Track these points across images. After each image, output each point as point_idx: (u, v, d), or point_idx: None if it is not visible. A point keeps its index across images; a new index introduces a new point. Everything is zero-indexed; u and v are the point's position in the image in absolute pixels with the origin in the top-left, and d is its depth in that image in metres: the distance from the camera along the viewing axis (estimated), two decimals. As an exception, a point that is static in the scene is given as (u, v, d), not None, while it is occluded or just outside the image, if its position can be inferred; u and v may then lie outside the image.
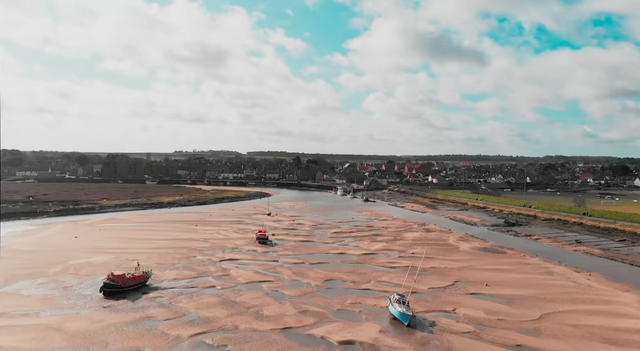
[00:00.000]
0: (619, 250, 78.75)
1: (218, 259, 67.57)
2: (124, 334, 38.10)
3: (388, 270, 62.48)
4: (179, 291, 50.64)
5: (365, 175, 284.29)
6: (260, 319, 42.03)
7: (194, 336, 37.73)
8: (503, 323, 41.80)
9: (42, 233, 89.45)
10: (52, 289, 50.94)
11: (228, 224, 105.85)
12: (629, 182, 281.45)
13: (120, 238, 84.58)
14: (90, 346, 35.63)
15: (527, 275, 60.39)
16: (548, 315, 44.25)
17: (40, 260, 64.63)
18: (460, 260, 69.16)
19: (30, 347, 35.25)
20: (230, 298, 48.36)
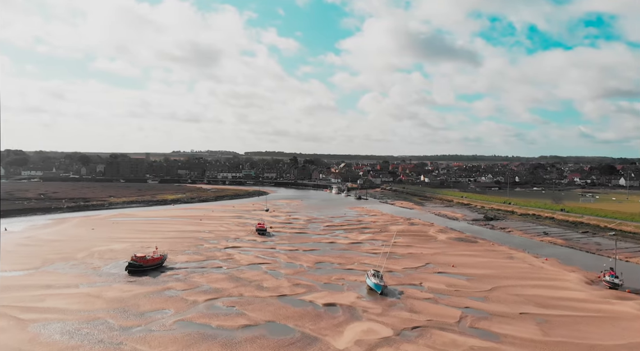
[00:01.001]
0: (580, 240, 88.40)
1: (222, 247, 76.85)
2: (151, 299, 47.32)
3: (371, 255, 71.79)
4: (191, 270, 59.90)
5: (360, 175, 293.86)
6: (260, 289, 51.33)
7: (207, 301, 46.96)
8: (458, 293, 51.24)
9: (61, 226, 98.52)
10: (83, 269, 60.07)
11: (229, 219, 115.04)
12: (614, 181, 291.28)
13: (132, 230, 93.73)
14: (126, 307, 44.83)
15: (490, 259, 69.91)
16: (498, 288, 53.68)
17: (67, 247, 73.73)
18: (435, 248, 78.65)
19: (78, 308, 44.42)
20: (235, 275, 57.66)
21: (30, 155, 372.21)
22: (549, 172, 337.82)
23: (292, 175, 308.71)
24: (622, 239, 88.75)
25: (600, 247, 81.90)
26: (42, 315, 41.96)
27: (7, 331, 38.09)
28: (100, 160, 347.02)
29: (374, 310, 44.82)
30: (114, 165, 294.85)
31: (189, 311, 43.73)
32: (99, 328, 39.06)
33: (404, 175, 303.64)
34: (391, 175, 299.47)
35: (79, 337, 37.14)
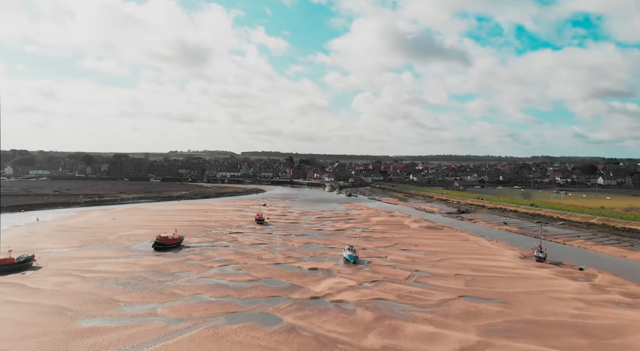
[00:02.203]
0: (532, 228, 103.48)
1: (228, 232, 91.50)
2: (177, 265, 61.90)
3: (351, 239, 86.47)
4: (204, 248, 74.53)
5: (352, 174, 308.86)
6: (260, 260, 66.02)
7: (220, 267, 61.58)
8: (413, 262, 66.13)
9: (85, 216, 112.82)
10: (117, 247, 74.52)
11: (231, 212, 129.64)
12: (593, 180, 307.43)
13: (148, 219, 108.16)
14: (159, 270, 59.33)
15: (448, 241, 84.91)
16: (446, 259, 68.60)
17: (97, 232, 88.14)
18: (406, 234, 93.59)
19: (123, 270, 58.88)
20: (240, 251, 72.34)
21: (34, 154, 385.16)
22: (533, 172, 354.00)
23: (288, 175, 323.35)
24: (568, 227, 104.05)
25: (546, 233, 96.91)
26: (98, 275, 56.43)
27: (78, 284, 52.49)
28: (102, 159, 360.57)
29: (346, 271, 59.59)
30: (118, 164, 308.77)
31: (207, 272, 58.38)
32: (143, 282, 53.60)
33: (394, 175, 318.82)
34: (382, 175, 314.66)
35: (131, 286, 51.67)
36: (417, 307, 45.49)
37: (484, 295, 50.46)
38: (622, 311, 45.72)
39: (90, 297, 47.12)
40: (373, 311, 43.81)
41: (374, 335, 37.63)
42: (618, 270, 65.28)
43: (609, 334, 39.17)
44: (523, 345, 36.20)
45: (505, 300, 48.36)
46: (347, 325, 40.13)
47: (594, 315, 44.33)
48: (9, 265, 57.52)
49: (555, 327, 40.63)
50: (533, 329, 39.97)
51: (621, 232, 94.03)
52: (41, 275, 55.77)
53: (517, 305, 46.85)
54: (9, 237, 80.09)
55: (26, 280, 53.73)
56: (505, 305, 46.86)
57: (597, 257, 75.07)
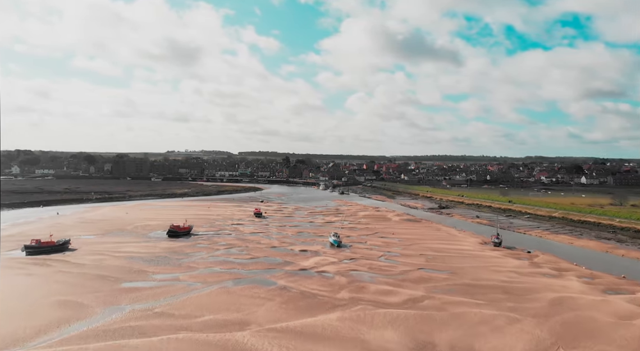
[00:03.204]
0: (501, 221, 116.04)
1: (230, 223, 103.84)
2: (189, 248, 74.17)
3: (338, 229, 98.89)
4: (211, 235, 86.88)
5: (345, 173, 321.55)
6: (259, 244, 78.43)
7: (225, 249, 73.94)
8: (387, 246, 78.71)
9: (100, 211, 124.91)
10: (135, 235, 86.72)
11: (232, 207, 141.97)
12: (577, 179, 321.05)
13: (157, 213, 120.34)
14: (175, 251, 71.55)
15: (422, 231, 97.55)
16: (415, 244, 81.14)
17: (115, 223, 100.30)
18: (387, 225, 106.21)
19: (146, 251, 71.08)
20: (241, 238, 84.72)
21: (37, 154, 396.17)
22: (520, 172, 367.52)
23: (284, 174, 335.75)
24: (533, 220, 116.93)
25: (512, 225, 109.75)
26: (125, 254, 68.62)
27: (111, 260, 64.64)
28: (102, 159, 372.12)
29: (330, 252, 72.08)
30: (120, 164, 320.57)
31: (215, 253, 70.75)
32: (164, 259, 65.88)
33: (387, 174, 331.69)
34: (375, 174, 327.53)
35: (154, 262, 63.92)
36: (382, 275, 58.01)
37: (438, 268, 63.03)
38: (543, 279, 58.29)
39: (124, 269, 59.40)
40: (347, 277, 56.30)
41: (345, 291, 50.07)
42: (560, 253, 77.83)
43: (525, 292, 51.67)
44: (455, 297, 48.68)
45: (454, 272, 60.93)
46: (326, 285, 52.57)
47: (519, 281, 56.88)
48: (51, 247, 69.69)
49: (486, 288, 53.14)
50: (467, 289, 52.47)
51: (576, 224, 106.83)
52: (79, 254, 68.00)
53: (462, 274, 59.42)
54: (39, 227, 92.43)
55: (68, 258, 65.95)
56: (452, 274, 59.43)
57: (548, 243, 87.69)
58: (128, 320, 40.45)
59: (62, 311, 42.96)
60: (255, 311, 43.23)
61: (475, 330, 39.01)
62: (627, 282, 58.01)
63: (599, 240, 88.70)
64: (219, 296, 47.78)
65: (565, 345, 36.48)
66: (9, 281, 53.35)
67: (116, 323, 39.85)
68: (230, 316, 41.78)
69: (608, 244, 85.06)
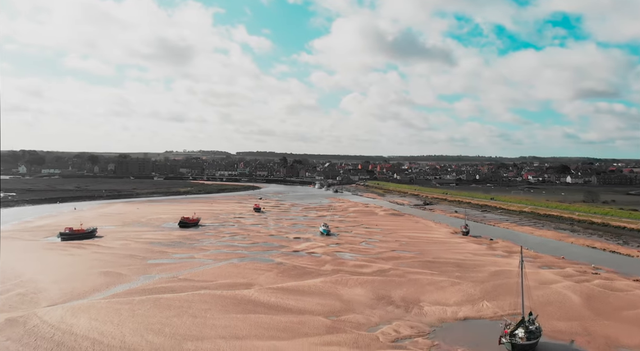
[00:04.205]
0: (475, 215, 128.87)
1: (232, 217, 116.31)
2: (199, 235, 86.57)
3: (330, 221, 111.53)
4: (216, 226, 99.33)
5: (340, 173, 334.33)
6: (259, 233, 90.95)
7: (230, 236, 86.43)
8: (369, 234, 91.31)
9: (113, 206, 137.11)
10: (150, 226, 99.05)
11: (233, 203, 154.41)
12: (563, 179, 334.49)
13: (165, 209, 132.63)
14: (188, 237, 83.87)
15: (402, 223, 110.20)
16: (394, 233, 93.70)
17: (130, 217, 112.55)
18: (372, 218, 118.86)
19: (162, 238, 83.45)
20: (243, 228, 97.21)
21: (42, 154, 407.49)
22: (510, 171, 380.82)
23: (282, 173, 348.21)
24: (504, 214, 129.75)
25: (485, 218, 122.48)
26: (146, 240, 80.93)
27: (135, 244, 76.88)
28: (104, 159, 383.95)
29: (319, 239, 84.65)
30: (124, 164, 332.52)
31: (222, 239, 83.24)
32: (179, 243, 78.23)
33: (380, 174, 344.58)
34: (368, 174, 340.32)
35: (172, 245, 76.25)
36: (361, 255, 70.60)
37: (408, 250, 75.67)
38: (493, 258, 70.91)
39: (147, 250, 71.81)
40: (332, 256, 68.88)
41: (328, 265, 62.60)
42: (518, 240, 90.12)
43: (473, 267, 64.23)
44: (415, 269, 61.23)
45: (421, 253, 73.54)
46: (314, 262, 65.10)
47: (473, 259, 69.50)
48: (82, 234, 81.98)
49: (443, 264, 65.68)
50: (427, 264, 65.04)
51: (541, 217, 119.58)
52: (107, 240, 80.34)
53: (426, 254, 72.05)
54: (63, 219, 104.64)
55: (98, 242, 78.31)
56: (419, 254, 72.05)
57: (512, 233, 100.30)
58: (159, 283, 52.86)
59: (106, 278, 55.33)
60: (257, 277, 55.71)
61: (424, 289, 51.63)
62: (563, 261, 70.62)
63: (556, 231, 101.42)
64: (228, 269, 60.27)
65: (489, 298, 49.07)
66: (56, 258, 65.72)
67: (150, 285, 52.24)
68: (238, 281, 54.24)
69: (563, 234, 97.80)
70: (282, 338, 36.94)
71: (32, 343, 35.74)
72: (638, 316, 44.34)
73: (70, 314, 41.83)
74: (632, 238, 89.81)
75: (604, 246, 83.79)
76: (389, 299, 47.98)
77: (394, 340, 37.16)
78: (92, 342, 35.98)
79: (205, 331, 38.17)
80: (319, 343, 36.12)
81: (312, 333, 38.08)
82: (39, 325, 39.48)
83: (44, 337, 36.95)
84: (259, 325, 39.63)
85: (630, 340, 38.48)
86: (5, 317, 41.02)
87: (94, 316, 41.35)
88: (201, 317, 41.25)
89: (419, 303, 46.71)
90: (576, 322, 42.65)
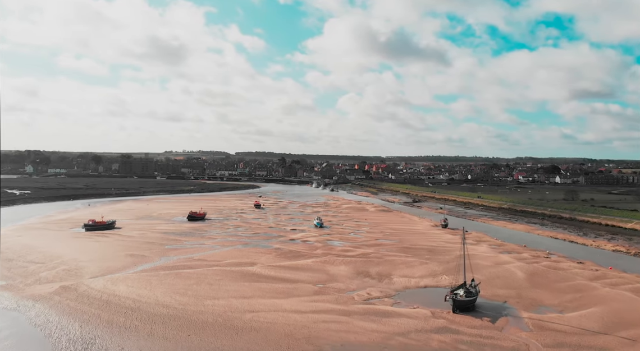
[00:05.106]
0: (459, 211, 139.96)
1: (235, 212, 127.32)
2: (207, 227, 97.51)
3: (324, 216, 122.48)
4: (221, 220, 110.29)
5: (337, 173, 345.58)
6: (259, 225, 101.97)
7: (234, 228, 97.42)
8: (358, 227, 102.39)
9: (123, 203, 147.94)
10: (162, 219, 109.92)
11: (234, 201, 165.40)
12: (552, 178, 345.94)
13: (173, 205, 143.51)
14: (197, 228, 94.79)
15: (389, 217, 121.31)
16: (381, 226, 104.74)
17: (141, 212, 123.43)
18: (363, 214, 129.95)
19: (174, 229, 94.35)
20: (245, 221, 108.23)
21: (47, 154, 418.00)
22: (501, 171, 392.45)
23: (280, 173, 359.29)
24: (485, 210, 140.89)
25: (466, 214, 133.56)
26: (161, 230, 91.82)
27: (151, 234, 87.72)
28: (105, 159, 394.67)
29: (313, 230, 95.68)
30: (127, 163, 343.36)
31: (227, 230, 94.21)
32: (190, 234, 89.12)
33: (376, 174, 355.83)
34: (364, 173, 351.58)
35: (184, 235, 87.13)
36: (348, 242, 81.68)
37: (390, 239, 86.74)
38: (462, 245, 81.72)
39: (163, 238, 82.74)
40: (323, 243, 79.94)
41: (319, 250, 73.62)
42: (491, 232, 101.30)
43: (443, 251, 75.18)
44: (393, 253, 72.26)
45: (400, 241, 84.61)
46: (307, 247, 76.10)
47: (444, 246, 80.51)
48: (104, 225, 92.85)
49: (417, 249, 76.69)
50: (404, 249, 76.04)
51: (517, 212, 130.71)
52: (126, 231, 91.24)
53: (405, 242, 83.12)
54: (82, 214, 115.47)
55: (119, 232, 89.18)
56: (398, 242, 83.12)
57: (487, 226, 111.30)
58: (178, 262, 63.82)
59: (132, 258, 66.26)
60: (259, 258, 66.72)
61: (396, 267, 62.71)
62: (524, 249, 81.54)
63: (527, 224, 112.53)
64: (234, 252, 71.29)
65: (448, 273, 60.06)
66: (86, 244, 76.62)
67: (171, 263, 63.20)
68: (243, 260, 65.22)
69: (533, 227, 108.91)
70: (280, 298, 47.92)
71: (86, 302, 46.58)
72: (565, 287, 55.36)
73: (110, 283, 52.77)
74: (592, 231, 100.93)
75: (565, 237, 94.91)
76: (367, 273, 59.03)
77: (366, 299, 48.17)
78: (133, 301, 46.84)
79: (220, 293, 49.14)
80: (308, 300, 47.12)
81: (303, 295, 49.10)
82: (88, 290, 50.35)
83: (94, 297, 47.84)
84: (261, 290, 50.65)
85: (550, 301, 49.51)
86: (59, 285, 51.90)
87: (129, 284, 52.27)
88: (215, 284, 52.25)
89: (390, 276, 57.78)
90: (514, 290, 53.69)
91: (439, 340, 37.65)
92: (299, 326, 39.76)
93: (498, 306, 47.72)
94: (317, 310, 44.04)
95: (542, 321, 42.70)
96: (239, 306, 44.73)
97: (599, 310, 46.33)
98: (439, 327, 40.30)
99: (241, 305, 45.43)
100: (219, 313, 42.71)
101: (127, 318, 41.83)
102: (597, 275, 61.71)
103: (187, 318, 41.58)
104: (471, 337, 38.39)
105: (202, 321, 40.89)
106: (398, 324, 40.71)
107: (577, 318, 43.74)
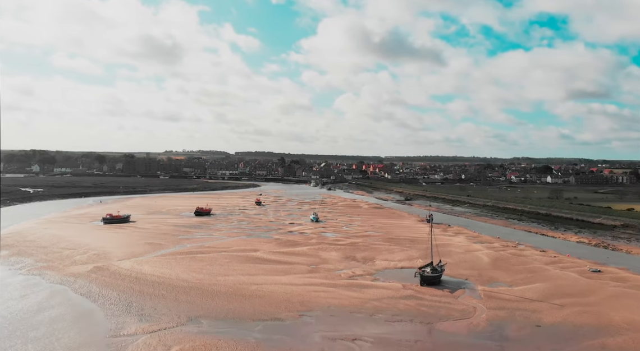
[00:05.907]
0: (446, 209, 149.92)
1: (237, 209, 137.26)
2: (213, 221, 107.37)
3: (320, 212, 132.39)
4: (225, 215, 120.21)
5: (335, 172, 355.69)
6: (260, 220, 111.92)
7: (237, 222, 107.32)
8: (351, 221, 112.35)
9: (132, 200, 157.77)
10: (171, 214, 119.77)
11: (236, 198, 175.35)
12: (543, 179, 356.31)
13: (179, 202, 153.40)
14: (204, 222, 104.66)
15: (380, 213, 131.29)
16: (371, 220, 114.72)
17: (151, 207, 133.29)
18: (356, 210, 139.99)
19: (184, 222, 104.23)
20: (247, 216, 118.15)
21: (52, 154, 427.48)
22: (495, 171, 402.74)
23: (280, 173, 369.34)
24: (470, 207, 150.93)
25: (452, 211, 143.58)
26: (172, 223, 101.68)
27: (164, 227, 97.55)
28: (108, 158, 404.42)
29: (310, 224, 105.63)
30: (131, 163, 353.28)
31: (231, 224, 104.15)
32: (198, 226, 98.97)
33: (372, 174, 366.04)
34: (361, 173, 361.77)
35: (193, 228, 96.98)
36: (341, 234, 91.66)
37: (378, 231, 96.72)
38: (442, 237, 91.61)
39: (175, 230, 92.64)
40: (317, 235, 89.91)
41: (314, 240, 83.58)
42: (473, 227, 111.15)
43: (423, 241, 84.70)
44: (378, 242, 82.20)
45: (387, 233, 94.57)
46: (303, 238, 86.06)
47: (425, 237, 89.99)
48: (120, 219, 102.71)
49: (401, 239, 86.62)
50: (389, 240, 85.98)
51: (499, 209, 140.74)
52: (140, 224, 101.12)
53: (391, 233, 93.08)
54: (97, 209, 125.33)
55: (134, 225, 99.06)
56: (385, 234, 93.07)
57: (469, 222, 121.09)
58: (191, 249, 73.71)
59: (150, 246, 76.15)
60: (261, 246, 76.67)
61: (380, 253, 72.70)
62: (497, 240, 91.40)
63: (506, 220, 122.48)
64: (239, 241, 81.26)
65: (423, 258, 69.98)
66: (107, 235, 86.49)
67: (185, 250, 73.09)
68: (247, 248, 75.17)
69: (510, 222, 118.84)
70: (279, 275, 57.85)
71: (119, 278, 56.38)
72: (522, 269, 65.27)
73: (136, 264, 62.65)
74: (563, 225, 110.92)
75: (538, 231, 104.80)
76: (353, 257, 69.02)
77: (350, 276, 58.12)
78: (157, 277, 56.68)
79: (229, 272, 59.06)
80: (302, 277, 57.04)
81: (299, 273, 59.06)
82: (118, 269, 60.19)
83: (124, 275, 57.66)
84: (264, 269, 60.60)
85: (504, 279, 59.39)
86: (93, 265, 61.74)
87: (153, 265, 62.14)
88: (225, 265, 62.20)
89: (373, 260, 67.77)
90: (476, 271, 63.62)
91: (405, 304, 47.59)
92: (295, 294, 49.68)
93: (459, 282, 57.60)
94: (310, 283, 53.99)
95: (492, 292, 52.62)
96: (245, 281, 54.63)
97: (543, 285, 56.24)
98: (407, 295, 50.25)
99: (247, 280, 55.31)
100: (229, 285, 52.62)
101: (155, 288, 51.68)
102: (554, 260, 71.62)
103: (204, 289, 51.46)
104: (431, 302, 48.31)
105: (217, 291, 50.75)
106: (374, 293, 50.67)
107: (521, 291, 53.69)
